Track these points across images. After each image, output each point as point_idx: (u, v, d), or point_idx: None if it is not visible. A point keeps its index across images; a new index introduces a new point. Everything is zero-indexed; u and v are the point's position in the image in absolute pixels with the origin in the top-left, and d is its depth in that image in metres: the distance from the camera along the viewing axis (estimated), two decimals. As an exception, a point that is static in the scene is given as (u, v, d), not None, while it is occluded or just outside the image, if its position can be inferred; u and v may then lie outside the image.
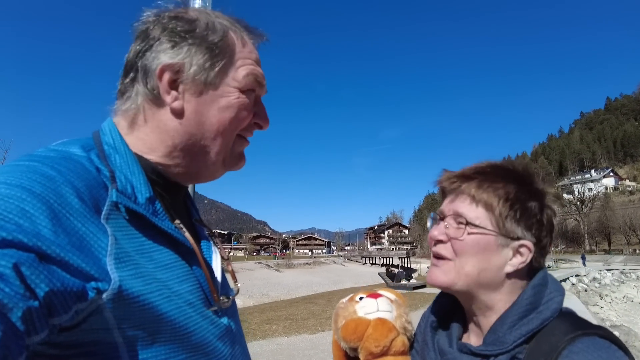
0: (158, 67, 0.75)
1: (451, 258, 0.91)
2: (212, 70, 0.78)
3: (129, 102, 0.79)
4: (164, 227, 0.71)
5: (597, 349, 0.73)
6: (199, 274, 0.75)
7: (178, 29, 0.77)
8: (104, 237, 0.61)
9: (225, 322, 0.78)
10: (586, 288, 27.68)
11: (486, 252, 0.90)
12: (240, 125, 0.82)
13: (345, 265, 69.95)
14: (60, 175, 0.60)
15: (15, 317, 0.46)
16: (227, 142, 0.81)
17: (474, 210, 0.91)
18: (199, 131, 0.78)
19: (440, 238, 0.92)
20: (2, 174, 0.57)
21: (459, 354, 0.90)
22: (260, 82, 0.84)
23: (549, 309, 0.84)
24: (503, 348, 0.82)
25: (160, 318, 0.63)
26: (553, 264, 55.93)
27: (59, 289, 0.50)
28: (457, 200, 0.94)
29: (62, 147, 0.70)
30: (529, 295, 0.87)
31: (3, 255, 0.47)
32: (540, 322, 0.82)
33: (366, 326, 0.96)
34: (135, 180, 0.71)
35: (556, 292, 0.89)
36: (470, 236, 0.89)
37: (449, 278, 0.90)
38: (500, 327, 0.86)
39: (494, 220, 0.90)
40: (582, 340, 0.76)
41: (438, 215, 0.98)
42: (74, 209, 0.58)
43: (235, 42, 0.82)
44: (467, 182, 0.94)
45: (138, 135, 0.79)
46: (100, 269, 0.57)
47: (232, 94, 0.79)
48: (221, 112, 0.78)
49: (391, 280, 23.29)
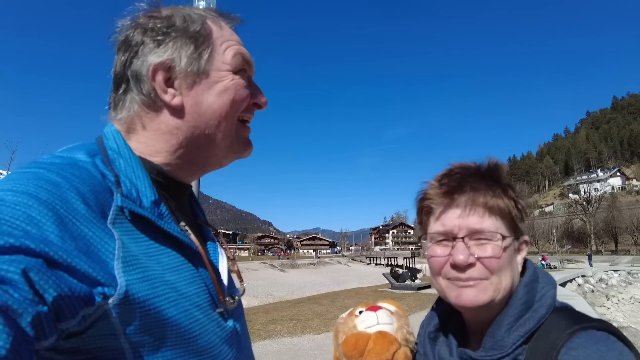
0: (149, 69, 0.75)
1: (486, 278, 0.84)
2: (202, 59, 0.78)
3: (124, 111, 0.78)
4: (169, 230, 0.72)
5: (595, 343, 0.72)
6: (205, 276, 0.75)
7: (158, 27, 0.77)
8: (111, 241, 0.61)
9: (231, 324, 0.78)
10: (592, 289, 27.47)
11: (511, 260, 0.87)
12: (241, 106, 0.82)
13: (350, 265, 69.92)
14: (66, 181, 0.60)
15: (25, 322, 0.46)
16: (231, 126, 0.81)
17: (493, 221, 0.86)
18: (202, 122, 0.78)
19: (472, 261, 0.84)
20: (8, 182, 0.58)
21: None
22: (248, 60, 0.84)
23: (543, 305, 0.83)
24: (503, 352, 0.80)
25: (167, 322, 0.63)
26: (559, 264, 55.56)
27: (66, 294, 0.51)
28: (469, 214, 0.86)
29: (67, 153, 0.70)
30: (522, 294, 0.85)
31: (12, 261, 0.47)
32: (537, 321, 0.81)
33: (367, 340, 0.94)
34: (140, 184, 0.72)
35: (548, 285, 0.88)
36: (505, 250, 0.85)
37: (489, 295, 0.84)
38: (497, 330, 0.83)
39: (509, 225, 0.87)
40: (579, 335, 0.75)
41: (442, 236, 0.89)
42: (80, 214, 0.58)
43: (214, 28, 0.82)
44: (465, 192, 0.88)
45: (139, 140, 0.79)
46: (107, 273, 0.57)
47: (226, 77, 0.79)
48: (220, 96, 0.78)
49: (396, 281, 23.19)
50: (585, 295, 22.51)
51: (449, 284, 0.88)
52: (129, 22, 0.79)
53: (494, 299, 0.84)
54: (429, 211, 0.94)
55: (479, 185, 0.88)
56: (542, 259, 59.50)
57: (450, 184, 0.90)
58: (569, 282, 27.68)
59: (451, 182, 0.90)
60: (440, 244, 0.89)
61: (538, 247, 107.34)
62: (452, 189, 0.89)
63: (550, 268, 51.30)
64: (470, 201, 0.87)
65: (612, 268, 45.73)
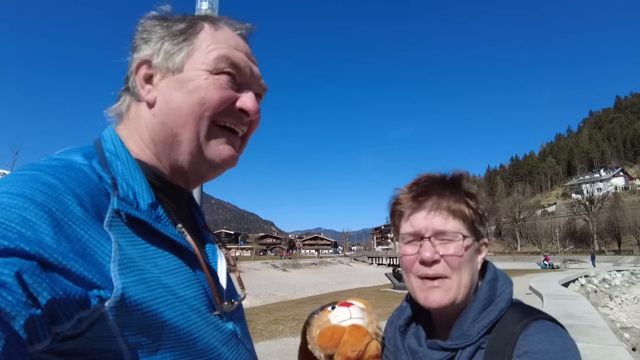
0: (134, 64, 0.80)
1: (448, 275, 0.94)
2: (178, 55, 0.78)
3: (118, 102, 0.84)
4: (166, 232, 0.72)
5: (547, 330, 0.85)
6: (202, 278, 0.75)
7: (148, 25, 0.81)
8: (107, 243, 0.61)
9: (230, 327, 0.77)
10: (595, 289, 27.31)
11: (472, 259, 0.97)
12: (213, 107, 0.77)
13: (352, 265, 69.97)
14: (62, 184, 0.60)
15: (18, 325, 0.46)
16: (200, 128, 0.78)
17: (455, 223, 0.96)
18: (170, 119, 0.77)
19: (437, 258, 0.94)
20: (4, 184, 0.58)
21: (429, 351, 0.96)
22: (236, 64, 0.80)
23: (503, 300, 0.95)
24: (469, 340, 0.91)
25: (164, 325, 0.63)
26: (561, 265, 55.35)
27: (61, 297, 0.50)
28: (434, 216, 0.97)
29: (64, 155, 0.70)
30: (485, 290, 0.96)
31: (5, 263, 0.47)
32: (498, 313, 0.92)
33: (342, 333, 0.99)
34: (137, 187, 0.72)
35: (506, 284, 0.99)
36: (466, 250, 0.95)
37: (452, 295, 0.94)
38: (464, 321, 0.93)
39: (469, 227, 0.98)
40: (534, 324, 0.87)
41: (412, 236, 0.99)
42: (76, 216, 0.58)
43: (207, 29, 0.81)
44: (430, 197, 0.99)
45: (128, 128, 0.82)
46: (103, 276, 0.57)
47: (200, 75, 0.77)
48: (189, 95, 0.76)
49: (398, 281, 23.15)
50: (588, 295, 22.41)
51: (419, 285, 0.97)
52: (137, 27, 0.83)
53: (456, 297, 0.94)
54: (400, 214, 1.05)
55: (443, 191, 0.99)
56: (545, 259, 59.35)
57: (418, 190, 1.01)
58: (571, 282, 27.53)
59: (419, 188, 1.01)
60: (410, 243, 1.00)
61: (540, 247, 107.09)
62: (419, 194, 1.00)
63: (552, 268, 51.13)
64: (435, 205, 0.98)
65: (615, 268, 45.40)
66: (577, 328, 8.53)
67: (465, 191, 1.01)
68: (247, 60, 0.83)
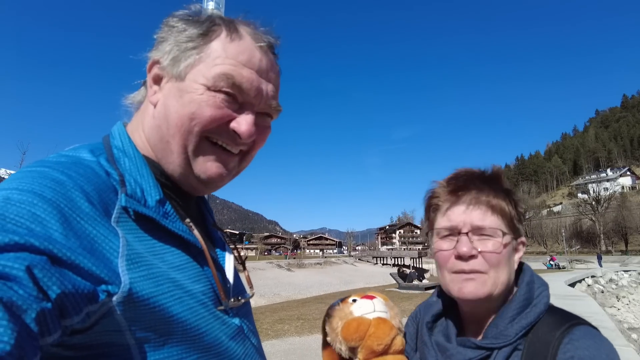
0: (149, 62, 0.81)
1: (485, 271, 0.91)
2: (183, 62, 0.76)
3: (134, 93, 0.87)
4: (174, 229, 0.72)
5: (592, 337, 0.83)
6: (210, 274, 0.76)
7: (170, 24, 0.80)
8: (115, 239, 0.61)
9: (237, 322, 0.78)
10: (602, 289, 27.15)
11: (510, 257, 0.95)
12: (203, 124, 0.75)
13: (357, 265, 69.84)
14: (71, 180, 0.61)
15: (30, 318, 0.46)
16: (187, 142, 0.76)
17: (494, 219, 0.94)
18: (164, 125, 0.77)
19: (474, 253, 0.91)
20: (14, 180, 0.59)
21: (461, 348, 0.93)
22: (238, 84, 0.76)
23: (541, 302, 0.92)
24: (507, 340, 0.88)
25: (172, 319, 0.63)
26: (568, 265, 54.96)
27: (70, 291, 0.51)
28: (473, 211, 0.94)
29: (72, 152, 0.71)
30: (524, 291, 0.94)
31: (16, 258, 0.48)
32: (537, 315, 0.90)
33: (368, 325, 0.96)
34: (144, 183, 0.72)
35: (543, 286, 0.97)
36: (505, 247, 0.92)
37: (488, 289, 0.91)
38: (501, 321, 0.91)
39: (508, 224, 0.95)
40: (578, 329, 0.84)
41: (448, 231, 0.96)
42: (84, 212, 0.59)
43: (222, 38, 0.78)
44: (470, 191, 0.96)
45: (136, 121, 0.83)
46: (111, 271, 0.58)
47: (197, 89, 0.75)
48: (182, 107, 0.75)
49: (403, 281, 23.14)
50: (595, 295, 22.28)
51: (452, 278, 0.95)
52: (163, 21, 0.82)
53: (492, 293, 0.91)
54: (436, 208, 1.01)
55: (482, 186, 0.96)
56: (551, 259, 58.93)
57: (457, 184, 0.99)
58: (578, 282, 27.36)
59: (458, 182, 0.99)
60: (446, 238, 0.96)
61: (546, 247, 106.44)
62: (458, 188, 0.97)
63: (559, 268, 50.80)
64: (474, 200, 0.95)
65: (622, 268, 45.07)
66: (584, 328, 8.48)
67: (505, 187, 0.99)
68: (254, 79, 0.78)
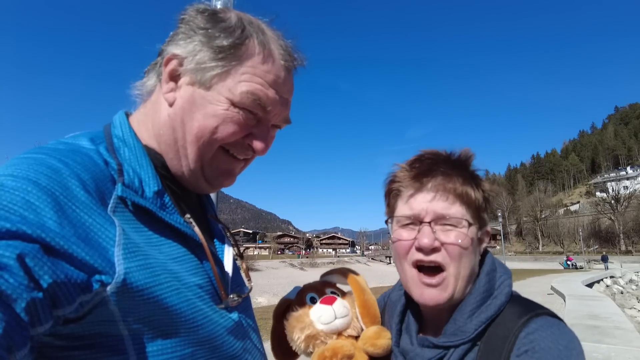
0: (167, 55, 0.78)
1: (446, 266, 0.85)
2: (210, 72, 0.75)
3: (145, 79, 0.83)
4: (171, 221, 0.71)
5: (549, 327, 0.78)
6: (208, 268, 0.75)
7: (195, 24, 0.77)
8: (112, 228, 0.60)
9: (235, 317, 0.76)
10: (622, 290, 26.49)
11: (474, 249, 0.88)
12: (223, 139, 0.76)
13: (369, 264, 69.60)
14: (67, 168, 0.60)
15: (19, 307, 0.46)
16: (205, 152, 0.77)
17: (460, 209, 0.86)
18: (180, 129, 0.76)
19: (436, 245, 0.84)
20: (9, 167, 0.57)
21: (420, 349, 0.87)
22: (262, 105, 0.77)
23: (502, 293, 0.86)
24: (465, 337, 0.82)
25: (168, 311, 0.62)
26: (585, 265, 53.83)
27: (62, 281, 0.50)
28: (437, 199, 0.86)
29: (72, 139, 0.70)
30: (484, 282, 0.87)
31: (7, 246, 0.47)
32: (497, 308, 0.83)
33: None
34: (143, 174, 0.71)
35: (505, 274, 0.90)
36: (469, 239, 0.86)
37: (449, 292, 0.85)
38: (459, 316, 0.85)
39: (474, 214, 0.88)
40: (535, 321, 0.79)
41: (409, 219, 0.89)
42: (80, 201, 0.58)
43: (253, 54, 0.76)
44: (435, 177, 0.87)
45: (145, 112, 0.81)
46: (106, 260, 0.57)
47: (222, 103, 0.74)
48: (205, 118, 0.75)
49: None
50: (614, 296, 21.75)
51: (413, 279, 0.88)
52: (189, 9, 0.79)
53: (453, 294, 0.85)
54: (398, 194, 0.93)
55: (449, 172, 0.88)
56: (567, 259, 57.87)
57: (421, 167, 0.89)
58: (596, 282, 26.81)
59: (422, 166, 0.90)
60: (407, 227, 0.89)
61: (563, 247, 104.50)
62: (422, 173, 0.88)
63: (576, 268, 49.77)
64: (440, 187, 0.86)
65: (642, 269, 43.95)
66: (602, 329, 8.37)
67: (473, 173, 0.91)
68: (277, 100, 0.78)
